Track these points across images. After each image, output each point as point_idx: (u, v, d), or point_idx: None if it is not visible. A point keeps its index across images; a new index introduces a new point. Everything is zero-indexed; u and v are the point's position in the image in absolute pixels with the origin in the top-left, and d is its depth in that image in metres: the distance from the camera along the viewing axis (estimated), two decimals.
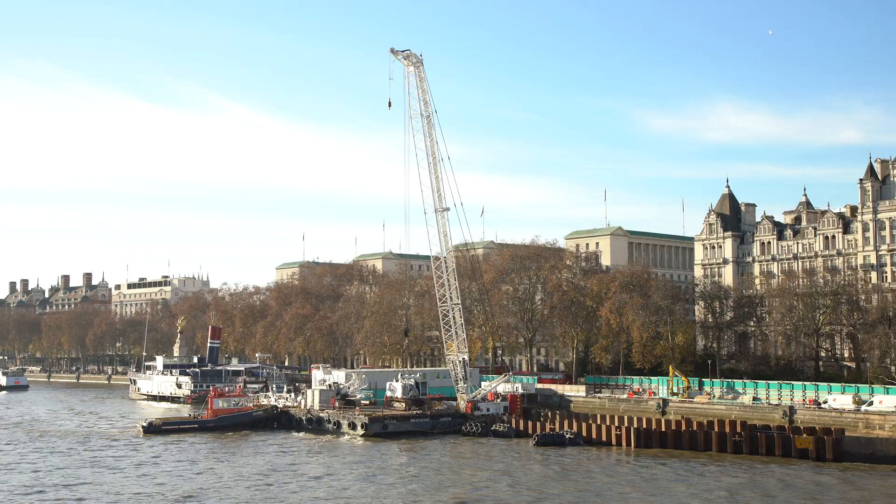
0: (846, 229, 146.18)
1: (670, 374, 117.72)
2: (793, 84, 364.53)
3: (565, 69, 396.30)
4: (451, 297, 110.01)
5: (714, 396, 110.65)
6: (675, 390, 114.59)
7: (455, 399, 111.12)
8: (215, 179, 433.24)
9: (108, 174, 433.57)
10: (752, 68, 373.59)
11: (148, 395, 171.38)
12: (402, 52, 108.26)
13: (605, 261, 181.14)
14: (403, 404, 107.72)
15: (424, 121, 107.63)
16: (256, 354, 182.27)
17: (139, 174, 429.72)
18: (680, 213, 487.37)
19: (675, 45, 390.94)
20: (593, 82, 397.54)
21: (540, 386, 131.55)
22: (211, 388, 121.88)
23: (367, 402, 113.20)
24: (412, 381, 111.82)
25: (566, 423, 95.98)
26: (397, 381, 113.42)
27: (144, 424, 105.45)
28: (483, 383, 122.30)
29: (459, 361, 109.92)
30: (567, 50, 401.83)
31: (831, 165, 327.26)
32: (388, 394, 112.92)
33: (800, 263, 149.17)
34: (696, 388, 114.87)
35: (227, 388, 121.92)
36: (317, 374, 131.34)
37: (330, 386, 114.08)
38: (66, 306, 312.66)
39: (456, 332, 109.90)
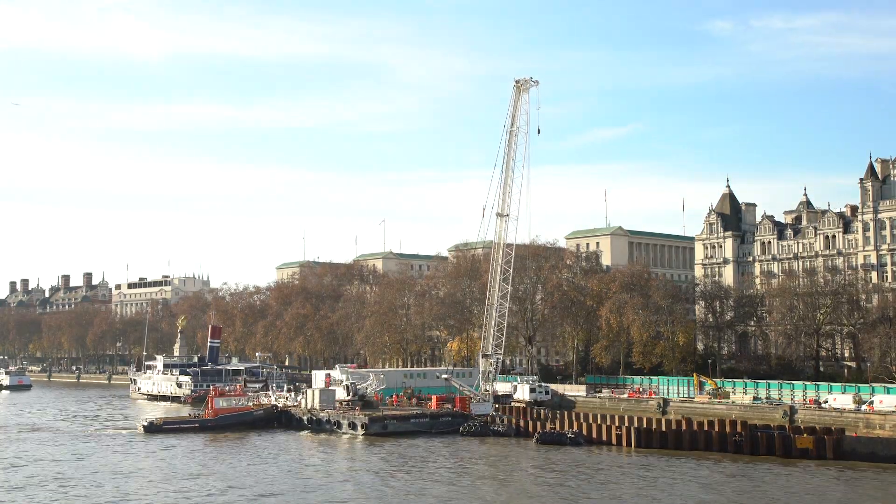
0: (846, 229, 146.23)
1: (695, 380, 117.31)
2: None
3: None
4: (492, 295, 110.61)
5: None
6: (703, 392, 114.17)
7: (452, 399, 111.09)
8: (215, 179, 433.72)
9: (109, 174, 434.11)
10: None
11: (148, 395, 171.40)
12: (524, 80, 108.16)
13: (606, 260, 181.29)
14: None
15: (514, 137, 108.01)
16: (256, 354, 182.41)
17: (140, 174, 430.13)
18: (680, 212, 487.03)
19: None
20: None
21: None
22: (212, 388, 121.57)
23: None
24: None
25: (566, 422, 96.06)
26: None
27: (145, 423, 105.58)
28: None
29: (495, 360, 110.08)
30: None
31: (831, 165, 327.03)
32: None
33: (800, 263, 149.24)
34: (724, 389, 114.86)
35: (227, 388, 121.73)
36: (331, 374, 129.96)
37: (347, 387, 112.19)
38: (67, 306, 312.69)
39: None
